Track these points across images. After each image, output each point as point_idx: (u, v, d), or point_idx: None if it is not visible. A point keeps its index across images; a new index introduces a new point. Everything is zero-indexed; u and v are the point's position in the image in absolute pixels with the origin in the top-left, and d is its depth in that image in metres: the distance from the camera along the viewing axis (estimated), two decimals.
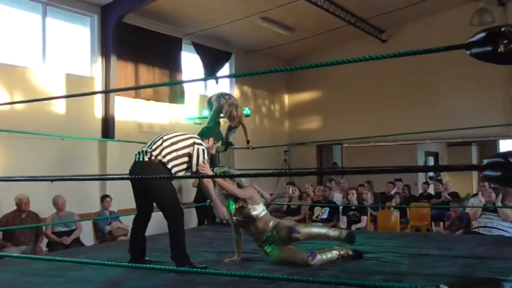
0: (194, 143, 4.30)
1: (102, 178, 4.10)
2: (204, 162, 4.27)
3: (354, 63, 2.16)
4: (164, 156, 4.16)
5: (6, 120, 6.73)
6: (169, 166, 4.16)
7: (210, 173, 4.35)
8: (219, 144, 4.73)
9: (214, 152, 4.72)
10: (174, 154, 4.21)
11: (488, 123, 9.71)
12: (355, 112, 12.52)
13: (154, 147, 4.22)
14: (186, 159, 4.26)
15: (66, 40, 8.48)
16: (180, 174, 4.33)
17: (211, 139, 4.59)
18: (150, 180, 4.18)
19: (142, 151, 4.25)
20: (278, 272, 3.84)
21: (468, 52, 1.76)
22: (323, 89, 13.26)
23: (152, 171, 4.06)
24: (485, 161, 1.70)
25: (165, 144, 4.24)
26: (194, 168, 4.24)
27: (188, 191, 10.11)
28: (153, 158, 4.14)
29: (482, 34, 1.69)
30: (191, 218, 9.72)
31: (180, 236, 4.16)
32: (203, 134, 4.65)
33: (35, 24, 7.98)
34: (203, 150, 4.32)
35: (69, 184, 7.33)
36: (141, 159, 4.18)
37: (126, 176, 4.48)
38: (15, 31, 7.77)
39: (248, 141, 6.69)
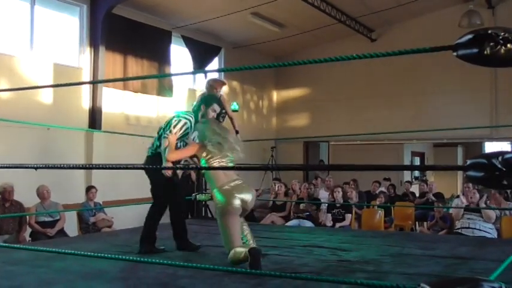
0: (173, 117, 4.52)
1: (87, 167, 4.12)
2: (171, 131, 4.37)
3: (343, 61, 2.17)
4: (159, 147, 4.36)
5: None
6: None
7: (173, 143, 4.35)
8: (214, 107, 4.66)
9: (214, 116, 4.68)
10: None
11: (474, 125, 9.85)
12: (343, 110, 12.59)
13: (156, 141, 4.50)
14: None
15: (54, 29, 8.39)
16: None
17: (202, 106, 4.63)
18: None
19: (150, 146, 4.59)
20: (262, 268, 3.84)
21: (455, 53, 1.78)
22: (312, 87, 13.30)
23: (152, 164, 4.35)
24: (468, 162, 1.73)
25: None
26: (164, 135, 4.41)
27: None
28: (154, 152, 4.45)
29: (469, 36, 1.72)
30: (166, 212, 9.71)
31: (151, 223, 4.57)
32: (193, 109, 4.80)
33: (23, 12, 7.87)
34: (178, 121, 4.43)
35: (54, 174, 7.26)
36: (147, 154, 4.55)
37: (110, 165, 4.59)
38: (3, 19, 7.65)
39: (237, 132, 6.67)
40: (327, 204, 8.10)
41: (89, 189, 7.38)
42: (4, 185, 6.51)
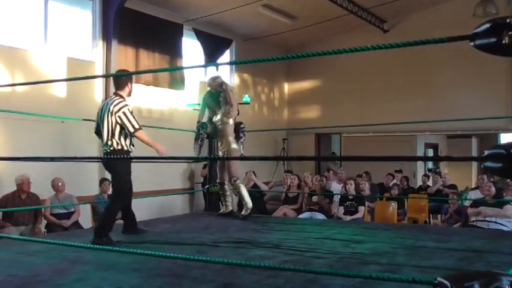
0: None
1: (102, 159, 4.26)
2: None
3: (354, 52, 2.14)
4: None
5: (7, 102, 6.72)
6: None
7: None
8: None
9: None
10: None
11: (489, 116, 9.70)
12: (354, 102, 12.50)
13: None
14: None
15: (67, 23, 8.43)
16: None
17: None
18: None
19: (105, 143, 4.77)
20: (273, 259, 3.85)
21: (472, 43, 1.74)
22: (323, 78, 13.22)
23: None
24: (486, 152, 1.70)
25: None
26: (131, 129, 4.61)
27: (177, 178, 10.18)
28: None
29: (487, 25, 1.68)
30: (179, 205, 9.83)
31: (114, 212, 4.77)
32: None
33: (37, 6, 7.92)
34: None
35: (69, 167, 7.33)
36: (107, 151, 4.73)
37: (126, 157, 4.65)
38: (17, 13, 7.70)
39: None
40: (339, 197, 8.08)
41: (102, 181, 7.44)
42: (21, 177, 6.59)
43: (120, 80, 4.78)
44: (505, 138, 13.78)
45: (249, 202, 6.23)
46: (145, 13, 9.32)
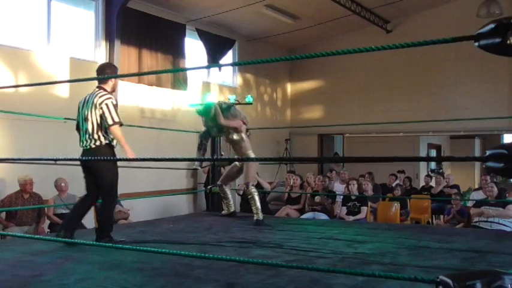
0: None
1: (105, 159, 4.18)
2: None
3: (357, 53, 2.14)
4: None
5: (10, 103, 6.74)
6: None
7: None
8: None
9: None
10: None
11: (491, 116, 9.68)
12: (357, 103, 12.50)
13: None
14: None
15: (70, 24, 8.45)
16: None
17: None
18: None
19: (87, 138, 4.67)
20: (276, 259, 3.86)
21: (476, 44, 1.75)
22: (326, 79, 13.22)
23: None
24: (488, 152, 1.70)
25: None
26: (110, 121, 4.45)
27: (180, 178, 10.20)
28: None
29: (492, 25, 1.68)
30: (182, 205, 9.83)
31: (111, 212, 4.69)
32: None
33: (40, 7, 7.94)
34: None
35: (71, 167, 7.33)
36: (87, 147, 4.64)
37: (127, 158, 4.59)
38: (20, 14, 7.73)
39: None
40: (342, 197, 8.08)
41: None
42: (24, 177, 6.62)
43: (103, 73, 4.62)
44: (508, 138, 13.76)
45: (260, 207, 6.15)
46: (148, 13, 9.33)
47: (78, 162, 4.70)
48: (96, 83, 4.74)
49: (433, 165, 14.70)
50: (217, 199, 7.92)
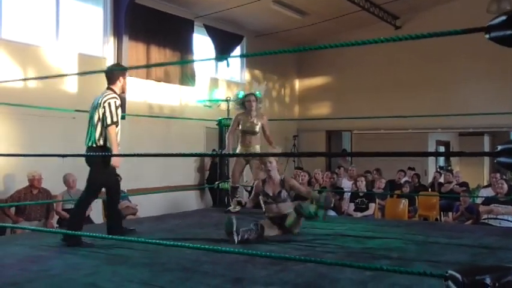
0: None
1: (113, 155, 4.18)
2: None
3: (367, 49, 2.13)
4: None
5: (19, 98, 6.78)
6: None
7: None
8: None
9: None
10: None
11: (501, 114, 9.58)
12: (366, 99, 12.43)
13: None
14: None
15: (79, 20, 8.48)
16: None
17: None
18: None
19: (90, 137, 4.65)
20: (284, 254, 3.85)
21: (487, 36, 1.72)
22: (334, 76, 13.17)
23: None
24: (499, 147, 1.68)
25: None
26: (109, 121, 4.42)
27: (189, 173, 10.22)
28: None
29: (503, 17, 1.65)
30: (190, 200, 9.85)
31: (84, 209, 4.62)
32: None
33: (49, 3, 7.98)
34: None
35: (80, 163, 7.37)
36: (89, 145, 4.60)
37: (136, 153, 4.59)
38: (29, 10, 7.76)
39: None
40: (349, 194, 8.05)
41: None
42: (33, 173, 6.66)
43: (112, 74, 4.65)
44: None
45: None
46: (156, 9, 9.34)
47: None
48: (105, 81, 4.74)
49: (441, 162, 14.61)
50: (225, 195, 7.93)
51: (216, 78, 11.03)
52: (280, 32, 11.60)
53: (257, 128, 6.15)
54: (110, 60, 8.65)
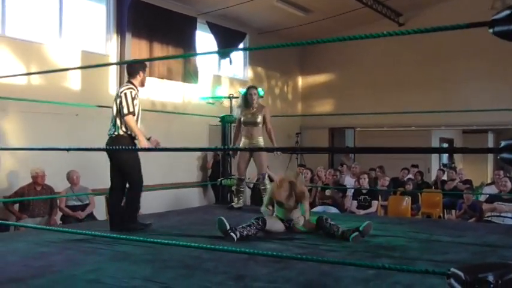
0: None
1: (117, 149, 4.26)
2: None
3: (369, 46, 2.11)
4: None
5: (22, 95, 6.78)
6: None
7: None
8: None
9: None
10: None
11: (505, 111, 9.53)
12: (369, 96, 12.40)
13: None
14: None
15: (82, 17, 8.48)
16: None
17: None
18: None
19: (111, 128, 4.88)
20: (286, 252, 3.85)
21: (491, 30, 1.71)
22: (337, 73, 13.14)
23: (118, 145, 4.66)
24: (503, 143, 1.67)
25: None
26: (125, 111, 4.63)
27: (192, 171, 10.23)
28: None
29: (507, 12, 1.64)
30: (192, 197, 9.87)
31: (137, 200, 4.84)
32: None
33: (52, 0, 7.98)
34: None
35: (83, 160, 7.41)
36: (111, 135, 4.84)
37: (137, 148, 4.70)
38: (32, 7, 7.77)
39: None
40: (352, 191, 8.04)
41: None
42: (36, 169, 6.68)
43: (132, 68, 4.88)
44: None
45: None
46: (159, 6, 9.34)
47: (89, 155, 4.78)
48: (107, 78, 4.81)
49: (445, 159, 14.56)
50: (228, 192, 7.93)
51: (218, 76, 11.02)
52: (283, 29, 11.57)
53: (258, 119, 6.23)
54: (112, 58, 8.66)
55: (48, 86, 7.61)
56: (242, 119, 6.30)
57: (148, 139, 4.96)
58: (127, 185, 4.85)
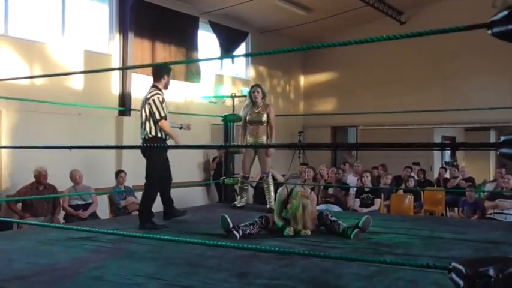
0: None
1: (119, 147, 4.38)
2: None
3: (371, 45, 2.12)
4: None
5: (25, 95, 6.81)
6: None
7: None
8: None
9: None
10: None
11: (508, 109, 9.53)
12: (371, 95, 12.40)
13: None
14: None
15: (84, 16, 8.50)
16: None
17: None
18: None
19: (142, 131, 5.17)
20: (289, 249, 3.86)
21: (489, 31, 1.72)
22: (339, 72, 13.14)
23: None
24: (502, 138, 1.68)
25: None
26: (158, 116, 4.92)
27: (194, 170, 10.25)
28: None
29: (505, 12, 1.65)
30: (196, 196, 9.90)
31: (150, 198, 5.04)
32: None
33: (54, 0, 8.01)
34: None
35: (86, 159, 7.44)
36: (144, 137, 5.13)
37: (140, 146, 4.82)
38: (35, 6, 7.80)
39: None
40: (355, 189, 8.05)
41: (119, 173, 7.47)
42: (39, 168, 6.70)
43: (158, 71, 5.11)
44: None
45: (273, 196, 6.14)
46: (161, 6, 9.35)
47: (92, 155, 4.89)
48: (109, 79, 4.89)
49: (447, 157, 14.54)
50: (231, 191, 7.94)
51: (221, 75, 11.03)
52: (285, 28, 11.57)
53: (263, 118, 6.26)
54: (115, 57, 8.68)
55: (51, 85, 7.63)
56: (248, 117, 6.32)
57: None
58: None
